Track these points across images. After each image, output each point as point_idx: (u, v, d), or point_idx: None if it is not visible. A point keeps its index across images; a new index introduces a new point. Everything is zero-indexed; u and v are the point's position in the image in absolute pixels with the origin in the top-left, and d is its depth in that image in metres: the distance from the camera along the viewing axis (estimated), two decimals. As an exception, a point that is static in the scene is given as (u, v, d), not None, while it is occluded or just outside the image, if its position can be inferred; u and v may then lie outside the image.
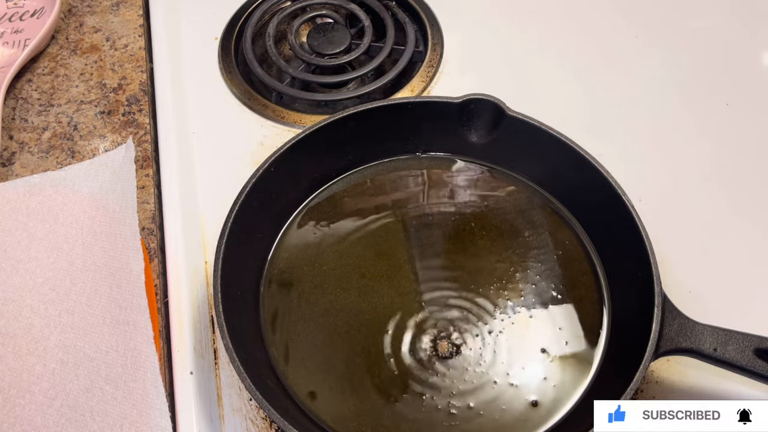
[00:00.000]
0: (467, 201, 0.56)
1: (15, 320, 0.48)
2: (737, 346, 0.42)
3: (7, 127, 0.61)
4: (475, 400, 0.46)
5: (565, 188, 0.55)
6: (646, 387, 0.48)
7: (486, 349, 0.48)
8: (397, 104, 0.55)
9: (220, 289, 0.45)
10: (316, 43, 0.68)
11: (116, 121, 0.62)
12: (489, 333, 0.49)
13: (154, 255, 0.54)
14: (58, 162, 0.59)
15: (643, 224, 0.47)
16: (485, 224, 0.54)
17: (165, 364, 0.49)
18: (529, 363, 0.48)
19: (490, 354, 0.48)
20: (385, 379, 0.47)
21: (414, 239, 0.54)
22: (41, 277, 0.50)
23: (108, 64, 0.67)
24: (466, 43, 0.69)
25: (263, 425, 0.47)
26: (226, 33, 0.71)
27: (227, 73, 0.67)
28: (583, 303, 0.50)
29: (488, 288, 0.51)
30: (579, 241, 0.53)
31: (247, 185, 0.50)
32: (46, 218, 0.53)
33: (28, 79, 0.65)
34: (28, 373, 0.46)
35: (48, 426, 0.44)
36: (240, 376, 0.42)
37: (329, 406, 0.46)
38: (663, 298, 0.45)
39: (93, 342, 0.48)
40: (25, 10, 0.70)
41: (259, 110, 0.64)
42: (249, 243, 0.51)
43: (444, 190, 0.57)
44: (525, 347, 0.48)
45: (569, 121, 0.54)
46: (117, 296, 0.50)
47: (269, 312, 0.50)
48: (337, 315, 0.50)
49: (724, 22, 0.72)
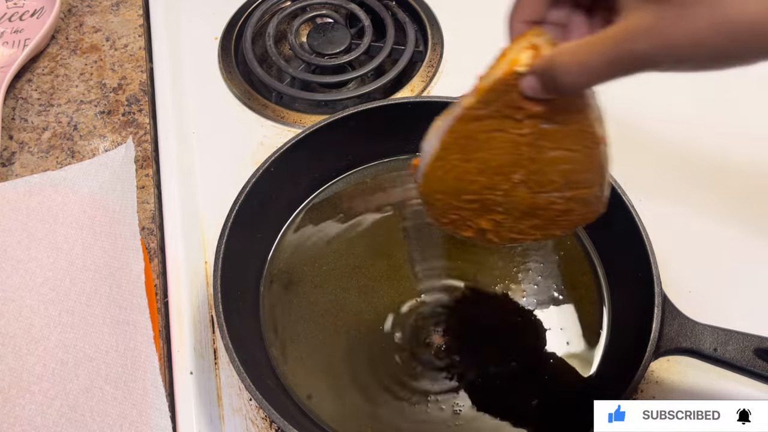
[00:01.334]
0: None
1: (15, 320, 0.48)
2: (737, 346, 0.42)
3: (7, 127, 0.61)
4: (479, 400, 0.46)
5: (565, 188, 0.55)
6: (646, 387, 0.48)
7: (487, 349, 0.48)
8: (397, 104, 0.55)
9: (220, 289, 0.45)
10: (316, 43, 0.68)
11: (116, 121, 0.62)
12: (490, 333, 0.49)
13: (154, 255, 0.54)
14: (58, 162, 0.59)
15: (643, 224, 0.47)
16: (485, 224, 0.54)
17: (165, 364, 0.49)
18: (531, 363, 0.48)
19: (491, 354, 0.48)
20: (385, 378, 0.47)
21: (414, 239, 0.54)
22: (41, 277, 0.50)
23: (108, 64, 0.67)
24: (466, 43, 0.69)
25: (263, 425, 0.47)
26: (226, 33, 0.71)
27: (227, 73, 0.67)
28: (584, 303, 0.50)
29: (489, 288, 0.51)
30: (579, 241, 0.53)
31: (247, 185, 0.50)
32: (46, 218, 0.53)
33: (28, 79, 0.65)
34: (28, 373, 0.46)
35: (48, 426, 0.44)
36: (240, 376, 0.42)
37: (329, 406, 0.46)
38: (663, 298, 0.45)
39: (93, 342, 0.48)
40: (25, 10, 0.70)
41: (259, 110, 0.64)
42: (249, 243, 0.51)
43: (444, 190, 0.57)
44: (526, 347, 0.48)
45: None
46: (117, 296, 0.50)
47: (269, 312, 0.50)
48: (337, 315, 0.50)
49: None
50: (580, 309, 0.50)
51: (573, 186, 0.38)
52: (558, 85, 0.31)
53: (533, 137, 0.35)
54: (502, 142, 0.36)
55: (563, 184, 0.38)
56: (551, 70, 0.31)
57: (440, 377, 0.47)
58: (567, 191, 0.38)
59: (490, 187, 0.39)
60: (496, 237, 0.43)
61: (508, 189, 0.39)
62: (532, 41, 0.32)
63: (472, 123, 0.35)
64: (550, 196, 0.39)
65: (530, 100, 0.33)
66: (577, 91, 0.33)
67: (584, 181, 0.38)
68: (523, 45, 0.32)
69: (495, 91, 0.33)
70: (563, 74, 0.31)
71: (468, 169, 0.38)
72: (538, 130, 0.35)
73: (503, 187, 0.39)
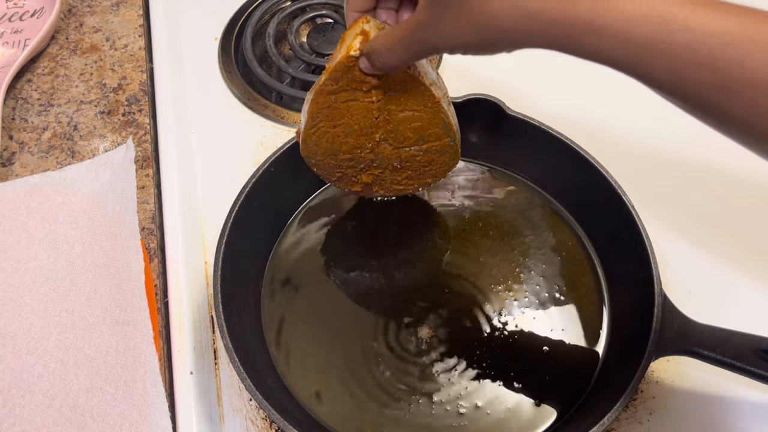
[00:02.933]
0: (467, 201, 0.56)
1: (15, 320, 0.48)
2: (737, 346, 0.42)
3: (7, 127, 0.61)
4: (482, 400, 0.46)
5: (565, 188, 0.55)
6: (646, 387, 0.48)
7: (489, 349, 0.48)
8: (397, 104, 0.55)
9: (220, 289, 0.45)
10: (316, 43, 0.68)
11: (116, 121, 0.62)
12: (492, 333, 0.49)
13: (154, 255, 0.54)
14: (58, 162, 0.59)
15: (643, 224, 0.47)
16: (486, 224, 0.54)
17: (165, 364, 0.49)
18: (532, 363, 0.48)
19: (493, 354, 0.48)
20: (386, 378, 0.47)
21: (414, 239, 0.54)
22: (41, 277, 0.50)
23: (108, 64, 0.67)
24: (466, 43, 0.69)
25: (263, 425, 0.47)
26: (226, 33, 0.71)
27: (227, 73, 0.67)
28: (584, 303, 0.50)
29: (490, 288, 0.51)
30: (579, 241, 0.53)
31: (247, 185, 0.50)
32: (46, 218, 0.53)
33: (28, 79, 0.65)
34: (28, 373, 0.46)
35: (48, 426, 0.44)
36: (240, 376, 0.42)
37: (329, 406, 0.46)
38: (663, 298, 0.45)
39: (93, 342, 0.48)
40: (25, 10, 0.70)
41: (259, 110, 0.64)
42: (249, 243, 0.51)
43: (444, 190, 0.57)
44: (527, 347, 0.48)
45: (569, 121, 0.54)
46: (117, 296, 0.50)
47: (269, 312, 0.50)
48: (337, 314, 0.50)
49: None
50: (580, 309, 0.50)
51: (426, 140, 0.47)
52: (377, 65, 0.39)
53: (382, 103, 0.43)
54: (358, 109, 0.44)
55: (418, 139, 0.47)
56: (370, 54, 0.39)
57: (441, 377, 0.47)
58: (423, 144, 0.47)
59: (358, 146, 0.47)
60: (381, 189, 0.52)
61: (373, 146, 0.47)
62: (363, 27, 0.40)
63: (329, 96, 0.43)
64: (410, 150, 0.48)
65: (370, 75, 0.41)
66: (395, 69, 0.40)
67: (434, 134, 0.46)
68: (356, 32, 0.40)
69: (339, 71, 0.41)
70: (377, 57, 0.38)
71: (337, 133, 0.46)
72: (385, 97, 0.43)
73: (369, 145, 0.47)
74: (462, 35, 0.33)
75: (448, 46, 0.35)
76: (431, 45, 0.36)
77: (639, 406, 0.47)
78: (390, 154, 0.48)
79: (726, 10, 0.29)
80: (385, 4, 0.41)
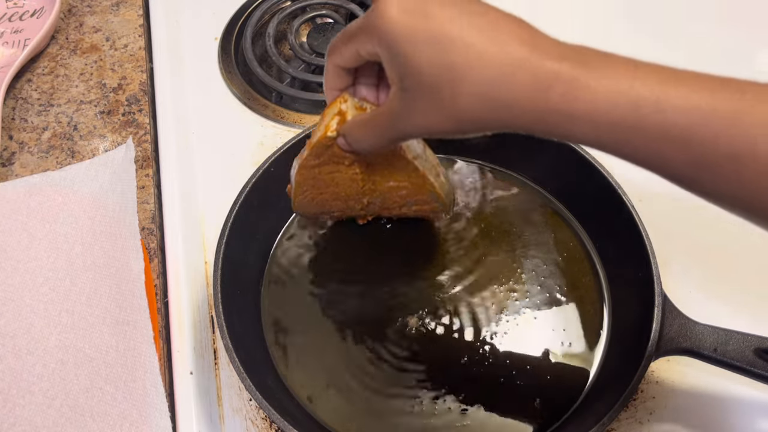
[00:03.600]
0: (467, 201, 0.56)
1: (15, 320, 0.48)
2: (737, 346, 0.42)
3: (7, 127, 0.61)
4: (484, 400, 0.46)
5: (565, 188, 0.55)
6: (646, 387, 0.48)
7: (490, 349, 0.48)
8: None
9: (220, 289, 0.45)
10: (316, 43, 0.68)
11: (116, 121, 0.62)
12: (493, 334, 0.49)
13: (154, 255, 0.54)
14: (58, 162, 0.59)
15: (643, 224, 0.47)
16: (486, 224, 0.54)
17: (165, 364, 0.49)
18: (533, 363, 0.48)
19: (494, 354, 0.48)
20: (386, 378, 0.47)
21: (414, 240, 0.54)
22: (41, 277, 0.50)
23: (108, 64, 0.67)
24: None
25: (263, 425, 0.47)
26: (226, 33, 0.71)
27: (227, 73, 0.67)
28: (584, 303, 0.50)
29: (490, 289, 0.51)
30: (579, 241, 0.53)
31: (247, 185, 0.50)
32: (46, 218, 0.53)
33: (28, 79, 0.65)
34: (28, 373, 0.46)
35: (48, 426, 0.44)
36: (240, 376, 0.42)
37: (329, 407, 0.46)
38: (663, 298, 0.45)
39: (93, 342, 0.48)
40: (25, 10, 0.70)
41: (259, 110, 0.64)
42: (249, 243, 0.51)
43: (444, 190, 0.57)
44: (528, 348, 0.48)
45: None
46: (117, 296, 0.50)
47: (269, 312, 0.50)
48: (337, 315, 0.50)
49: (720, 24, 0.72)
50: (581, 309, 0.50)
51: (414, 203, 0.48)
52: (355, 148, 0.39)
53: (366, 175, 0.44)
54: (342, 179, 0.44)
55: (405, 204, 0.48)
56: (347, 138, 0.39)
57: (443, 378, 0.47)
58: (412, 207, 0.48)
59: (348, 207, 0.49)
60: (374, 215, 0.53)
61: (363, 206, 0.48)
62: (340, 107, 0.39)
63: (312, 170, 0.44)
64: (400, 210, 0.49)
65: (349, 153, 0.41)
66: (372, 152, 0.40)
67: (422, 200, 0.47)
68: (334, 111, 0.39)
69: (319, 148, 0.41)
70: (354, 142, 0.39)
71: (325, 198, 0.47)
72: (368, 169, 0.43)
73: (358, 207, 0.49)
74: (435, 125, 0.33)
75: (423, 134, 0.35)
76: (406, 134, 0.36)
77: (639, 406, 0.47)
78: (380, 209, 0.50)
79: (697, 86, 0.29)
80: (364, 81, 0.40)
